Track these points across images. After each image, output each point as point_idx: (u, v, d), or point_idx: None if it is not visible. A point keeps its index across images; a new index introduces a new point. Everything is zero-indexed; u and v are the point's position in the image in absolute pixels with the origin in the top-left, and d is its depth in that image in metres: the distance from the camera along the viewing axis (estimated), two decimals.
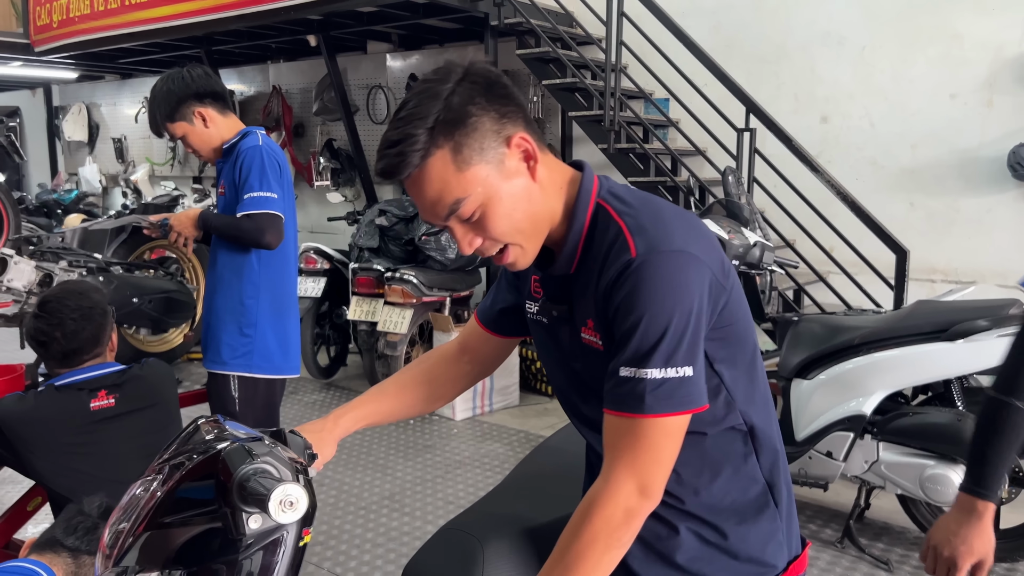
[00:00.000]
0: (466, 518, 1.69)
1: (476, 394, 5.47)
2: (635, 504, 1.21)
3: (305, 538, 1.20)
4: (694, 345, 1.18)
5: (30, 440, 2.30)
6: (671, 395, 1.18)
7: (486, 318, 1.60)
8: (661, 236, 1.20)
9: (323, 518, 3.91)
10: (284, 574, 1.17)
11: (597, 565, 1.22)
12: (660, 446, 1.20)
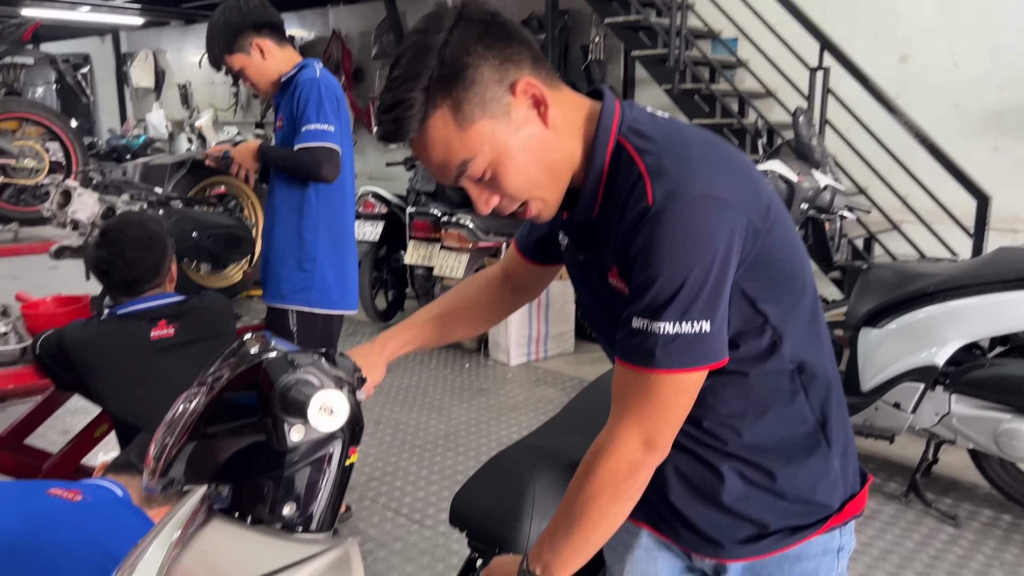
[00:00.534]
0: (516, 450, 1.66)
1: (531, 340, 5.45)
2: (640, 457, 1.16)
3: (351, 457, 1.17)
4: (714, 298, 1.09)
5: (93, 365, 2.35)
6: (683, 351, 1.10)
7: (523, 246, 1.55)
8: (683, 179, 1.08)
9: (380, 455, 3.96)
10: (330, 492, 1.15)
11: (603, 517, 1.18)
12: (669, 402, 1.14)
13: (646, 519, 1.38)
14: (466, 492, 1.57)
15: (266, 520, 1.12)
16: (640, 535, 1.40)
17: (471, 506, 1.54)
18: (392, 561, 3.04)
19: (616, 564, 1.43)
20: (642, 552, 1.40)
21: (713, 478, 1.28)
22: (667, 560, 1.39)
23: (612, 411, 1.18)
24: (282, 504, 1.12)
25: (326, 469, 1.14)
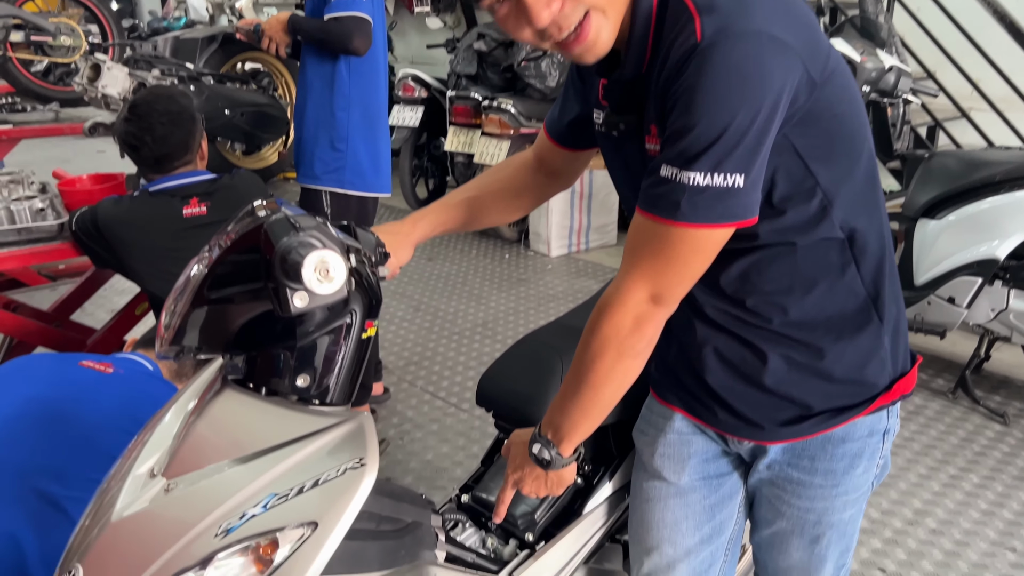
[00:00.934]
0: (545, 331, 1.61)
1: (572, 231, 5.35)
2: (645, 311, 1.09)
3: (369, 331, 1.13)
4: (753, 150, 0.98)
5: (127, 241, 2.34)
6: (711, 205, 1.00)
7: (554, 130, 1.44)
8: (737, 14, 0.97)
9: (419, 340, 3.97)
10: (347, 365, 1.11)
11: (610, 374, 1.13)
12: (685, 259, 1.06)
13: (680, 403, 1.33)
14: (493, 372, 1.53)
15: (281, 391, 1.09)
16: (673, 419, 1.35)
17: (497, 386, 1.50)
18: (428, 442, 3.08)
19: (646, 448, 1.39)
20: (675, 436, 1.35)
21: (755, 359, 1.21)
22: (701, 444, 1.35)
23: (623, 263, 1.10)
24: (296, 375, 1.08)
25: (342, 341, 1.10)
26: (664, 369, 1.36)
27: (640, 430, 1.41)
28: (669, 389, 1.35)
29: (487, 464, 1.63)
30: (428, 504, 1.34)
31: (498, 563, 1.41)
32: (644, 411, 1.42)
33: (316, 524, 0.98)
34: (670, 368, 1.34)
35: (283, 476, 1.00)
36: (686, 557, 1.38)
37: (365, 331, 1.12)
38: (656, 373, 1.39)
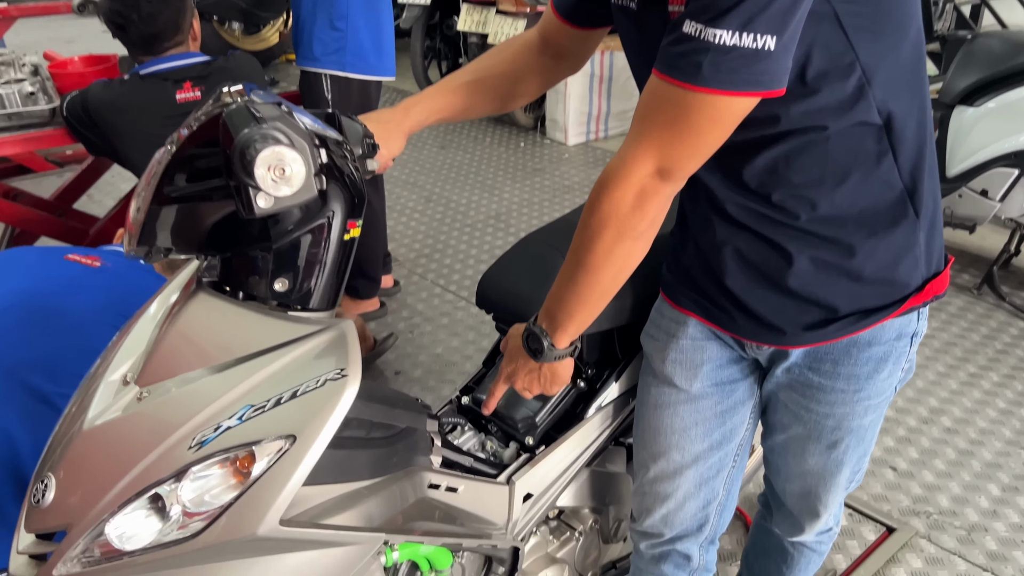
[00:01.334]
0: (547, 230, 1.51)
1: (591, 118, 5.16)
2: (650, 185, 0.98)
3: (351, 231, 1.04)
4: (789, 10, 0.86)
5: (119, 128, 2.24)
6: (736, 69, 0.88)
7: (562, 6, 1.30)
8: None
9: (430, 232, 3.89)
10: (329, 269, 1.03)
11: (608, 256, 1.04)
12: (702, 130, 0.94)
13: (695, 307, 1.25)
14: (492, 273, 1.45)
15: (259, 296, 1.02)
16: (686, 324, 1.27)
17: (497, 287, 1.43)
18: (438, 335, 3.05)
19: (656, 354, 1.32)
20: (688, 342, 1.28)
21: (778, 259, 1.12)
22: (715, 350, 1.27)
23: (630, 132, 0.99)
24: (274, 279, 1.01)
25: (323, 243, 1.02)
26: (678, 271, 1.27)
27: (650, 335, 1.34)
28: (683, 292, 1.27)
29: (489, 365, 1.58)
30: (424, 409, 1.29)
31: (497, 467, 1.38)
32: (654, 315, 1.34)
33: (295, 438, 0.92)
34: (684, 270, 1.25)
35: (260, 387, 0.94)
36: (694, 463, 1.33)
37: (347, 232, 1.03)
38: (669, 275, 1.30)
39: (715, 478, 1.36)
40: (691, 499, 1.36)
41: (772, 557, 1.61)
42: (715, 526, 1.40)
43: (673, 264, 1.29)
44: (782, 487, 1.42)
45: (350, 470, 1.11)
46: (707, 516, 1.39)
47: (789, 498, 1.42)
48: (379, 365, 2.84)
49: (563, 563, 1.49)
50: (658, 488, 1.37)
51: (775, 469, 1.41)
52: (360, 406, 1.13)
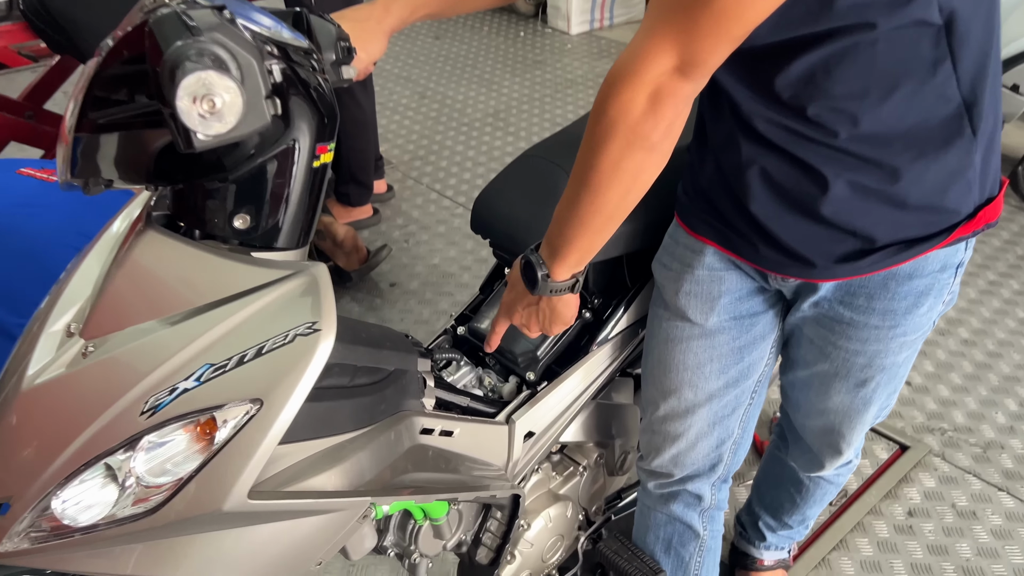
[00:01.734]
0: (547, 145, 1.36)
1: (595, 5, 4.85)
2: (666, 84, 0.82)
3: (322, 156, 0.89)
4: None
5: (80, 22, 2.07)
6: None
7: None
8: None
9: (424, 132, 3.70)
10: (296, 201, 0.89)
11: (615, 170, 0.89)
12: (730, 14, 0.78)
13: (714, 235, 1.11)
14: (489, 194, 1.31)
15: (217, 234, 0.88)
16: (703, 253, 1.14)
17: (493, 210, 1.29)
18: (435, 244, 2.92)
19: (669, 284, 1.19)
20: (704, 273, 1.15)
21: (811, 183, 0.97)
22: (734, 281, 1.15)
23: (644, 22, 0.84)
24: (233, 215, 0.87)
25: (288, 171, 0.87)
26: (695, 193, 1.13)
27: (662, 263, 1.21)
28: (700, 217, 1.13)
29: (486, 292, 1.46)
30: (415, 347, 1.17)
31: (496, 404, 1.27)
32: (667, 241, 1.21)
33: (261, 402, 0.81)
34: (703, 192, 1.11)
35: (219, 343, 0.82)
36: (708, 401, 1.23)
37: (317, 158, 0.89)
38: (685, 197, 1.16)
39: (730, 416, 1.26)
40: (704, 439, 1.27)
41: (785, 488, 1.54)
42: (729, 465, 1.32)
43: (690, 185, 1.15)
44: (801, 423, 1.32)
45: (331, 423, 1.00)
46: (720, 456, 1.30)
47: (809, 434, 1.33)
48: (373, 277, 2.72)
49: (566, 500, 1.41)
50: (668, 427, 1.27)
51: (794, 404, 1.31)
52: (342, 350, 1.02)
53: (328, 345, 0.83)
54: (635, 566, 1.36)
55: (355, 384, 1.05)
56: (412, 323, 2.53)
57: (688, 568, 1.37)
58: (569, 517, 1.42)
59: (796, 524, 1.59)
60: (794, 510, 1.55)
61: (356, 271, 2.63)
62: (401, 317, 2.56)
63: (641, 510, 1.42)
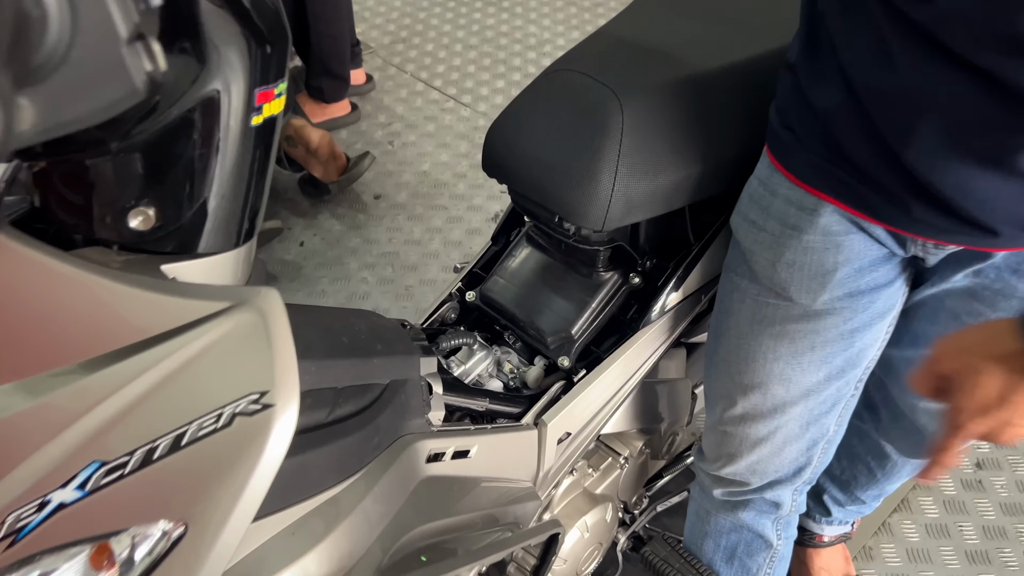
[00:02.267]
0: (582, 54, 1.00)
1: None
2: None
3: (265, 108, 0.56)
4: None
5: None
6: None
7: None
8: None
9: (406, 11, 3.24)
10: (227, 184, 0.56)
11: None
12: None
13: (836, 189, 0.80)
14: (505, 124, 0.97)
15: (106, 240, 0.56)
16: (818, 213, 0.82)
17: (512, 147, 0.95)
18: (424, 147, 2.56)
19: (760, 250, 0.88)
20: (816, 239, 0.84)
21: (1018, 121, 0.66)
22: (857, 248, 0.84)
23: None
24: (126, 210, 0.55)
25: (210, 136, 0.54)
26: (806, 127, 0.80)
27: (749, 221, 0.89)
28: (812, 163, 0.81)
29: (501, 243, 1.14)
30: (414, 343, 0.87)
31: (521, 401, 0.99)
32: (756, 189, 0.89)
33: (185, 526, 0.51)
34: (820, 127, 0.78)
35: (114, 428, 0.51)
36: (803, 398, 0.95)
37: (258, 110, 0.56)
38: (786, 132, 0.84)
39: (828, 413, 0.98)
40: (792, 443, 0.99)
41: (863, 461, 1.28)
42: (817, 468, 1.05)
43: (795, 113, 0.82)
44: (914, 404, 1.04)
45: (308, 483, 0.71)
46: (810, 459, 1.03)
47: (924, 417, 1.05)
48: (355, 189, 2.38)
49: (605, 500, 1.15)
50: (747, 430, 0.99)
51: (900, 385, 1.03)
52: (316, 371, 0.72)
53: (287, 427, 0.52)
54: None
55: (336, 418, 0.75)
56: (402, 243, 2.21)
57: None
58: (609, 521, 1.17)
59: (871, 500, 1.35)
60: (871, 485, 1.31)
61: (335, 182, 2.28)
62: (389, 237, 2.24)
63: (697, 512, 1.16)
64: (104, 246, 0.56)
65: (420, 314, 2.04)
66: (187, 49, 0.49)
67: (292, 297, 2.06)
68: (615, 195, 0.89)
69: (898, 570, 1.53)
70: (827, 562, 1.45)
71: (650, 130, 0.90)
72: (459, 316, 1.11)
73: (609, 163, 0.88)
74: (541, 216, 0.99)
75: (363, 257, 2.18)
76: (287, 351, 0.53)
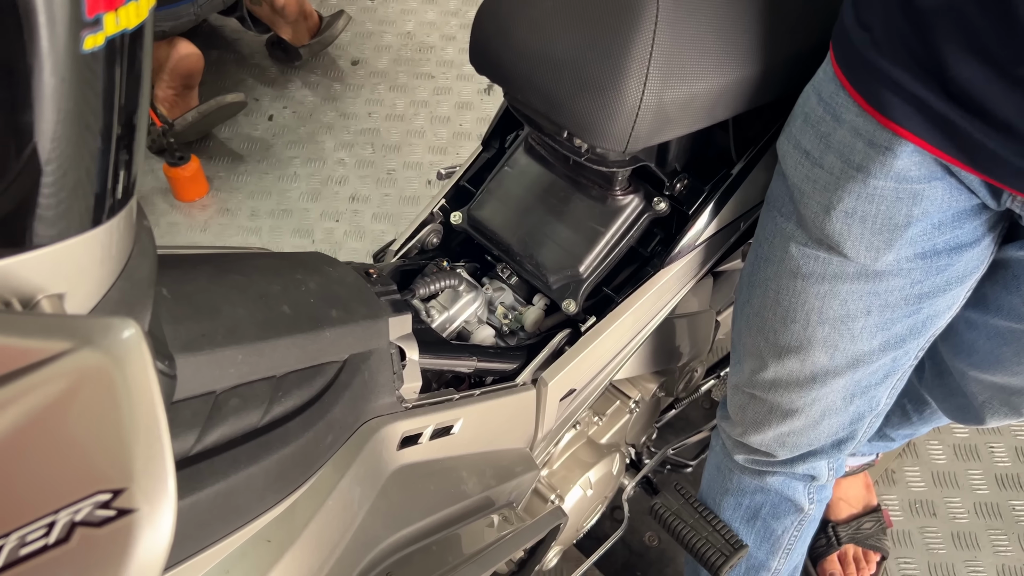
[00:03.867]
0: None
1: None
2: None
3: (106, 23, 0.34)
4: None
5: None
6: None
7: None
8: None
9: None
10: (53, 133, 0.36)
11: None
12: None
13: (925, 124, 0.60)
14: (496, 7, 0.73)
15: None
16: (895, 153, 0.62)
17: (506, 36, 0.72)
18: (407, 3, 2.25)
19: (814, 191, 0.68)
20: (888, 185, 0.64)
21: None
22: (939, 198, 0.64)
23: None
24: None
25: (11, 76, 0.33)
26: (902, 31, 0.58)
27: (801, 150, 0.69)
28: (900, 88, 0.59)
29: (494, 150, 0.93)
30: (381, 299, 0.68)
31: (516, 353, 0.81)
32: (815, 109, 0.67)
33: None
34: (925, 33, 0.57)
35: None
36: (849, 369, 0.77)
37: (93, 29, 0.34)
38: (860, 34, 0.62)
39: (879, 385, 0.81)
40: (832, 416, 0.83)
41: (899, 402, 1.13)
42: (862, 440, 0.88)
43: (888, 7, 0.59)
44: (966, 371, 0.88)
45: (231, 513, 0.54)
46: (853, 432, 0.86)
47: (977, 386, 0.89)
48: (330, 53, 2.10)
49: (612, 450, 1.00)
50: (779, 397, 0.82)
51: (966, 348, 0.85)
52: (241, 360, 0.55)
53: (157, 543, 0.34)
54: (703, 538, 0.98)
55: (274, 418, 0.57)
56: (383, 118, 1.96)
57: (778, 543, 1.00)
58: (615, 473, 1.02)
59: (900, 438, 1.21)
60: (904, 425, 1.16)
61: (306, 46, 2.01)
62: (368, 111, 1.99)
63: (718, 467, 1.01)
64: None
65: (403, 202, 1.84)
66: None
67: (261, 181, 1.84)
68: (644, 107, 0.67)
69: (922, 495, 1.42)
70: (846, 492, 1.33)
71: (691, 19, 0.68)
72: (442, 241, 0.91)
73: (638, 63, 0.66)
74: (545, 128, 0.78)
75: (339, 134, 1.94)
76: (153, 421, 0.34)
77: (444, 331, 0.82)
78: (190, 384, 0.52)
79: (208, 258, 0.61)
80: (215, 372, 0.54)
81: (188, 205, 1.80)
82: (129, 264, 0.44)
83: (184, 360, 0.51)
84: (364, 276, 0.70)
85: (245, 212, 1.79)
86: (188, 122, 1.82)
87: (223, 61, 2.11)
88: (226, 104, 1.84)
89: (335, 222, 1.77)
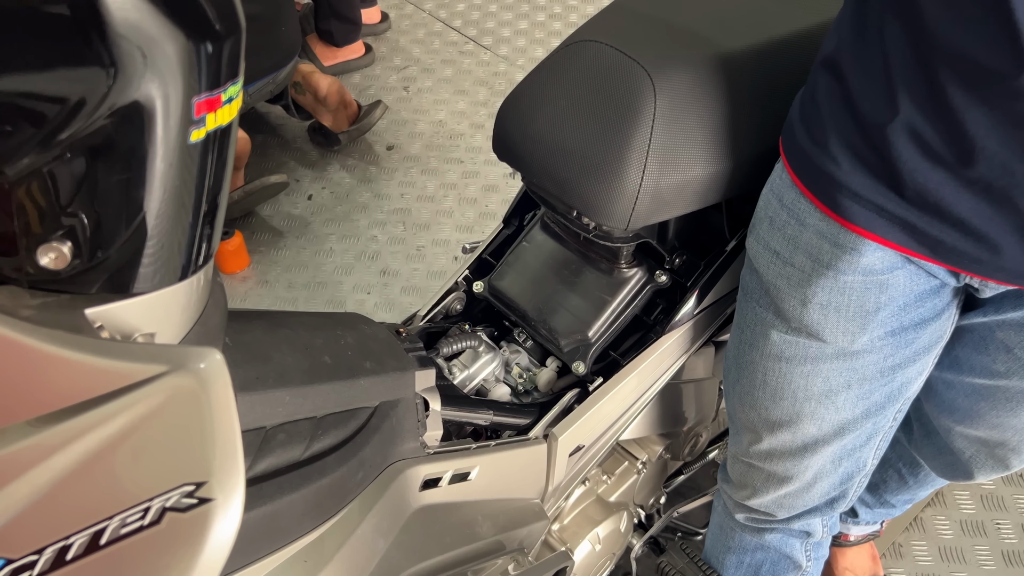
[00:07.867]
0: (609, 21, 0.86)
1: None
2: None
3: (208, 120, 0.45)
4: None
5: None
6: None
7: None
8: None
9: None
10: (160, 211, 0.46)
11: None
12: None
13: (888, 226, 0.68)
14: (519, 102, 0.84)
15: (17, 279, 0.46)
16: (859, 252, 0.70)
17: (527, 132, 0.83)
18: (440, 93, 2.42)
19: (790, 290, 0.76)
20: (856, 279, 0.72)
21: None
22: (902, 285, 0.72)
23: None
24: (35, 244, 0.44)
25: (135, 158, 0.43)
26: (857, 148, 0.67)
27: (771, 250, 0.77)
28: (859, 197, 0.67)
29: (513, 227, 1.03)
30: (408, 354, 0.77)
31: (529, 411, 0.89)
32: (779, 214, 0.76)
33: None
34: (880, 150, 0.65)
35: (18, 523, 0.42)
36: (837, 436, 0.84)
37: (199, 123, 0.45)
38: (815, 149, 0.70)
39: (864, 447, 0.88)
40: (824, 478, 0.89)
41: (894, 468, 1.19)
42: (852, 498, 0.95)
43: (841, 127, 0.67)
44: (951, 427, 0.94)
45: (274, 534, 0.62)
46: (844, 492, 0.93)
47: (961, 441, 0.95)
48: (367, 139, 2.25)
49: (620, 508, 1.06)
50: (775, 467, 0.89)
51: (948, 406, 0.92)
52: (289, 401, 0.63)
53: (229, 527, 0.43)
54: None
55: (314, 454, 0.66)
56: (415, 199, 2.10)
57: None
58: (623, 530, 1.08)
59: (900, 504, 1.26)
60: (902, 490, 1.21)
61: (345, 132, 2.16)
62: (401, 192, 2.12)
63: (720, 525, 1.07)
64: (11, 283, 0.46)
65: (431, 276, 1.94)
66: (89, 53, 0.38)
67: (298, 255, 1.97)
68: (643, 191, 0.77)
69: (929, 569, 1.44)
70: (852, 562, 1.36)
71: (685, 116, 0.78)
72: (465, 308, 1.01)
73: (638, 154, 0.76)
74: (558, 208, 0.88)
75: (373, 214, 2.07)
76: (230, 431, 0.43)
77: (464, 387, 0.90)
78: (245, 419, 0.61)
79: (262, 314, 0.71)
80: (266, 410, 0.62)
81: (230, 276, 1.92)
82: (205, 312, 0.54)
83: (241, 399, 0.60)
84: (395, 334, 0.79)
85: (283, 284, 1.90)
86: (234, 200, 1.96)
87: (268, 144, 2.27)
88: (269, 184, 1.99)
89: (366, 294, 1.87)
